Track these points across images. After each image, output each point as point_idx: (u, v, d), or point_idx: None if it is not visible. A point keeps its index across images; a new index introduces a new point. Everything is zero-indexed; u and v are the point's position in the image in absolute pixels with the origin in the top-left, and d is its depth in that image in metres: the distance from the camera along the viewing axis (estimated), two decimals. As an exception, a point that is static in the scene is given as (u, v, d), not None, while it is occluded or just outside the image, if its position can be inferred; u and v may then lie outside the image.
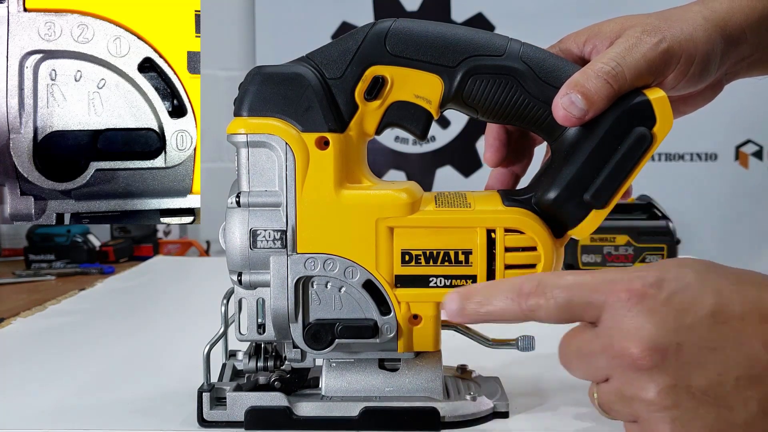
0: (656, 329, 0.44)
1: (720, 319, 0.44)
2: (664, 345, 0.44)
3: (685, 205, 1.85)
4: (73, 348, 0.84)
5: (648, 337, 0.44)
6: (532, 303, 0.48)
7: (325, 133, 0.55)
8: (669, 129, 0.55)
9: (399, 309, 0.56)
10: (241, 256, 0.56)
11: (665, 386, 0.44)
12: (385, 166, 1.92)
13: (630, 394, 0.45)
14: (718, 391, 0.43)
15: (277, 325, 0.57)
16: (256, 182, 0.56)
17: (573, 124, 0.55)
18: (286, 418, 0.57)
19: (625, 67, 0.54)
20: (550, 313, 0.48)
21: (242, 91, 0.55)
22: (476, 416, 0.58)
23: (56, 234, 1.46)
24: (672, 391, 0.44)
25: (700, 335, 0.44)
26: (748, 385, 0.43)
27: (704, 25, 0.57)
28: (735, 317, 0.44)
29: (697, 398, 0.43)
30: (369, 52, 0.55)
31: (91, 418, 0.61)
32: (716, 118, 1.83)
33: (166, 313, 1.07)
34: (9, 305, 1.07)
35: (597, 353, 0.47)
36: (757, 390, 0.43)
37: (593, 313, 0.47)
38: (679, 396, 0.44)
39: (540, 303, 0.47)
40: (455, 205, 0.57)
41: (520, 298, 0.48)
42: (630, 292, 0.45)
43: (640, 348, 0.44)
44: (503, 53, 0.56)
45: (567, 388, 0.66)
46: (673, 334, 0.44)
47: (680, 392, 0.44)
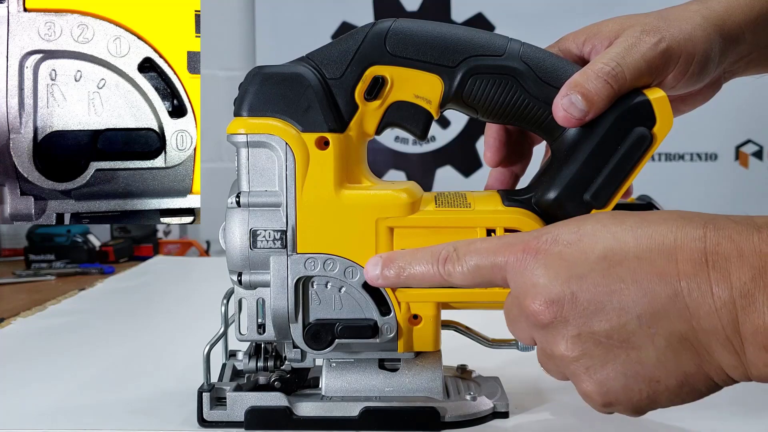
0: (549, 282, 0.45)
1: (614, 262, 0.44)
2: (559, 296, 0.44)
3: (685, 205, 1.84)
4: (73, 348, 0.84)
5: (543, 291, 0.45)
6: (449, 268, 0.50)
7: (325, 133, 0.55)
8: (669, 129, 0.55)
9: (399, 309, 0.56)
10: (241, 256, 0.56)
11: (570, 337, 0.44)
12: (385, 166, 1.92)
13: (549, 351, 0.46)
14: (622, 333, 0.43)
15: (277, 325, 0.57)
16: (256, 182, 0.56)
17: (573, 125, 0.55)
18: (286, 418, 0.57)
19: (625, 67, 0.54)
20: (464, 277, 0.50)
21: (242, 91, 0.55)
22: (476, 416, 0.58)
23: (56, 234, 1.46)
24: (577, 340, 0.44)
25: (594, 281, 0.44)
26: (652, 321, 0.43)
27: (703, 24, 0.57)
28: (630, 257, 0.44)
29: (603, 344, 0.44)
30: (369, 52, 0.55)
31: (91, 418, 0.61)
32: (716, 118, 1.83)
33: (166, 313, 1.07)
34: (9, 305, 1.07)
35: (517, 316, 0.48)
36: (661, 326, 0.43)
37: (500, 274, 0.48)
38: (586, 344, 0.44)
39: (455, 268, 0.50)
40: (455, 205, 0.57)
41: (439, 264, 0.50)
42: (526, 250, 0.47)
43: (537, 303, 0.45)
44: (503, 53, 0.56)
45: (567, 388, 0.66)
46: (566, 283, 0.44)
47: (586, 340, 0.44)
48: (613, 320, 0.43)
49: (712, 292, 0.42)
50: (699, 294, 0.42)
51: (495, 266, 0.48)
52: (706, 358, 0.43)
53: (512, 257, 0.47)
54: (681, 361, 0.43)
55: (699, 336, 0.43)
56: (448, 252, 0.50)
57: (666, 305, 0.43)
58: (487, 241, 0.50)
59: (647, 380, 0.44)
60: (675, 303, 0.43)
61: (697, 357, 0.43)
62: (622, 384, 0.45)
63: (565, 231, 0.47)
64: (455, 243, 0.51)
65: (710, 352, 0.43)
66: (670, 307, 0.43)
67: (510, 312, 0.49)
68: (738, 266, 0.42)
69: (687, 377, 0.44)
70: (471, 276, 0.49)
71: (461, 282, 0.50)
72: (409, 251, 0.53)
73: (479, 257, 0.49)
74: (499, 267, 0.48)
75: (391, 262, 0.53)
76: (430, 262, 0.51)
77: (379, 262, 0.53)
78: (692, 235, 0.43)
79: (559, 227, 0.48)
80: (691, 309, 0.42)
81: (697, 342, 0.43)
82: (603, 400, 0.46)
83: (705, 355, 0.43)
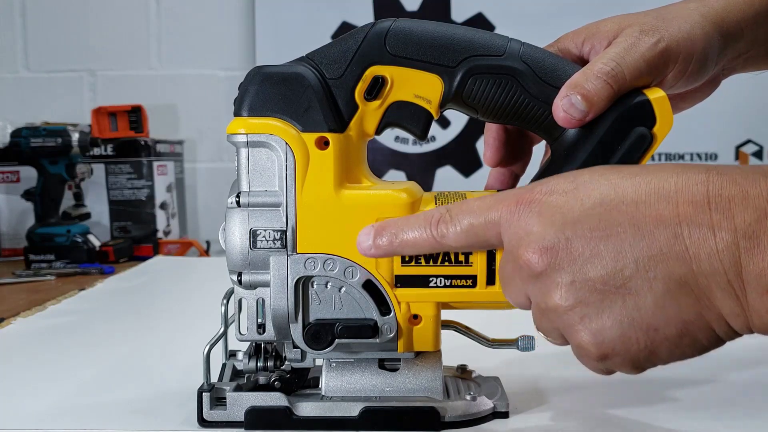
0: (543, 228, 0.44)
1: (611, 206, 0.43)
2: (553, 243, 0.43)
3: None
4: (73, 348, 0.84)
5: (536, 238, 0.44)
6: (441, 229, 0.49)
7: (325, 133, 0.55)
8: (669, 129, 0.55)
9: (399, 309, 0.56)
10: (241, 256, 0.56)
11: (564, 284, 0.43)
12: (385, 166, 1.92)
13: (544, 305, 0.45)
14: (618, 279, 0.42)
15: (277, 325, 0.57)
16: (256, 182, 0.56)
17: (573, 125, 0.55)
18: (286, 418, 0.57)
19: (625, 67, 0.54)
20: (458, 237, 0.48)
21: (242, 91, 0.55)
22: (476, 416, 0.58)
23: (56, 234, 1.46)
24: (572, 287, 0.43)
25: (590, 225, 0.43)
26: (649, 265, 0.42)
27: (701, 22, 0.57)
28: (627, 202, 0.43)
29: (599, 290, 0.42)
30: (369, 52, 0.55)
31: (91, 418, 0.61)
32: (716, 118, 1.83)
33: (166, 313, 1.07)
34: (9, 305, 1.07)
35: (510, 274, 0.47)
36: (659, 269, 0.42)
37: (494, 230, 0.47)
38: (581, 291, 0.43)
39: (449, 229, 0.49)
40: (455, 205, 0.57)
41: (431, 227, 0.49)
42: (519, 202, 0.46)
43: (531, 251, 0.44)
44: (503, 53, 0.56)
45: (567, 388, 0.66)
46: (560, 229, 0.43)
47: (581, 287, 0.43)
48: (608, 265, 0.42)
49: (714, 233, 0.40)
50: (700, 236, 0.41)
51: (489, 223, 0.47)
52: (706, 304, 0.42)
53: (505, 210, 0.46)
54: (680, 307, 0.42)
55: (699, 280, 0.41)
56: (440, 214, 0.50)
57: (665, 248, 0.41)
58: (480, 200, 0.49)
59: (645, 328, 0.43)
60: (674, 246, 0.41)
61: (697, 303, 0.42)
62: (618, 333, 0.43)
63: (561, 181, 0.46)
64: (448, 206, 0.50)
65: (710, 297, 0.41)
66: (668, 250, 0.41)
67: (504, 270, 0.48)
68: (742, 208, 0.40)
69: (686, 325, 0.42)
70: (465, 236, 0.48)
71: (455, 243, 0.49)
72: (402, 218, 0.52)
73: (472, 216, 0.48)
74: (493, 223, 0.47)
75: (384, 230, 0.52)
76: (422, 226, 0.50)
77: (371, 231, 0.52)
78: (694, 179, 0.42)
79: (554, 178, 0.46)
80: (691, 251, 0.41)
81: (696, 287, 0.41)
82: (598, 352, 0.44)
83: (705, 300, 0.41)
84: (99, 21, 1.90)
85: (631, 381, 0.69)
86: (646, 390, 0.65)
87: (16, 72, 1.91)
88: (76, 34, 1.90)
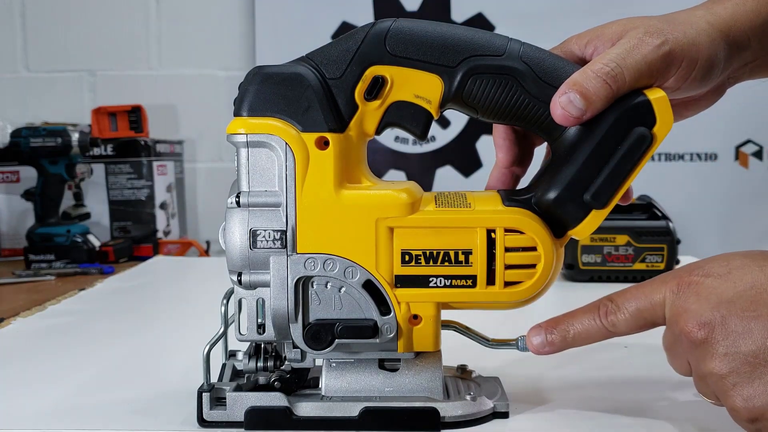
0: (701, 306, 0.50)
1: (761, 290, 0.49)
2: (710, 319, 0.49)
3: (685, 205, 1.84)
4: (73, 348, 0.84)
5: (696, 314, 0.50)
6: (612, 319, 0.54)
7: (325, 133, 0.55)
8: (669, 129, 0.55)
9: (399, 309, 0.56)
10: (241, 256, 0.56)
11: (719, 355, 0.49)
12: (385, 166, 1.92)
13: (700, 372, 0.51)
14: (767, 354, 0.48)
15: (277, 325, 0.57)
16: (256, 182, 0.56)
17: (571, 123, 0.55)
18: (286, 418, 0.57)
19: (625, 68, 0.54)
20: (628, 323, 0.54)
21: (242, 91, 0.55)
22: (476, 416, 0.58)
23: (56, 234, 1.46)
24: (726, 358, 0.49)
25: (743, 306, 0.49)
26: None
27: (708, 29, 0.57)
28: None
29: (750, 362, 0.48)
30: (369, 52, 0.55)
31: (91, 418, 0.61)
32: (716, 118, 1.82)
33: (166, 313, 1.07)
34: (9, 305, 1.07)
35: (672, 343, 0.53)
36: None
37: (659, 311, 0.53)
38: (734, 362, 0.48)
39: (618, 317, 0.54)
40: (455, 205, 0.57)
41: (601, 318, 0.55)
42: (680, 284, 0.52)
43: (690, 325, 0.50)
44: (503, 53, 0.56)
45: (567, 388, 0.66)
46: (716, 308, 0.49)
47: (734, 359, 0.48)
48: (759, 341, 0.48)
49: None
50: None
51: (655, 305, 0.53)
52: None
53: (669, 292, 0.52)
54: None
55: None
56: (605, 305, 0.55)
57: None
58: (639, 286, 0.55)
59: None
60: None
61: None
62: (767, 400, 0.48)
63: (716, 265, 0.52)
64: (609, 295, 0.55)
65: None
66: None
67: (666, 340, 0.54)
68: None
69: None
70: (634, 320, 0.54)
71: (626, 329, 0.54)
72: (568, 314, 0.57)
73: (637, 301, 0.54)
74: (659, 304, 0.53)
75: (553, 328, 0.56)
76: (591, 318, 0.55)
77: (541, 330, 0.57)
78: None
79: (708, 262, 0.52)
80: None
81: None
82: (749, 416, 0.49)
83: None
84: (99, 21, 1.90)
85: (630, 381, 0.69)
86: (646, 390, 0.65)
87: (16, 72, 1.91)
88: (76, 34, 1.90)
